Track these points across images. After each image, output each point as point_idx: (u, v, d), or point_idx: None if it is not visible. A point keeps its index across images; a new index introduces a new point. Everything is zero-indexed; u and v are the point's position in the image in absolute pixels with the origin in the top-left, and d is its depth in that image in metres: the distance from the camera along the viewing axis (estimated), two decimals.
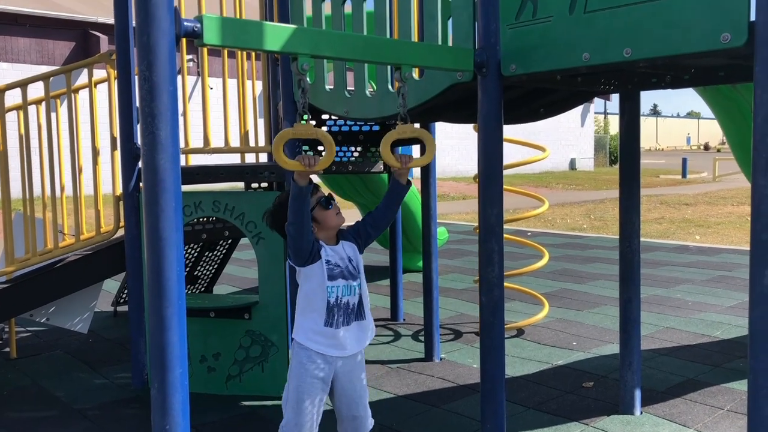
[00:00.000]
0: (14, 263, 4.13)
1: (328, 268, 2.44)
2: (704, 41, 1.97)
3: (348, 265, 2.49)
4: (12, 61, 16.70)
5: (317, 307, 2.44)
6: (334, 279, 2.45)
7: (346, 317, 2.46)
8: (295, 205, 2.29)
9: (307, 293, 2.47)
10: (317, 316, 2.44)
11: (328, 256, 2.45)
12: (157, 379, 1.78)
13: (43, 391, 3.90)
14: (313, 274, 2.43)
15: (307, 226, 2.35)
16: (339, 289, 2.46)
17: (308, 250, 2.40)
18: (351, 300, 2.48)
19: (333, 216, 2.48)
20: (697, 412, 3.42)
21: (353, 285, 2.49)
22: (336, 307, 2.45)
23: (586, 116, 31.59)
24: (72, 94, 4.18)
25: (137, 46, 1.71)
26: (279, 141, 2.09)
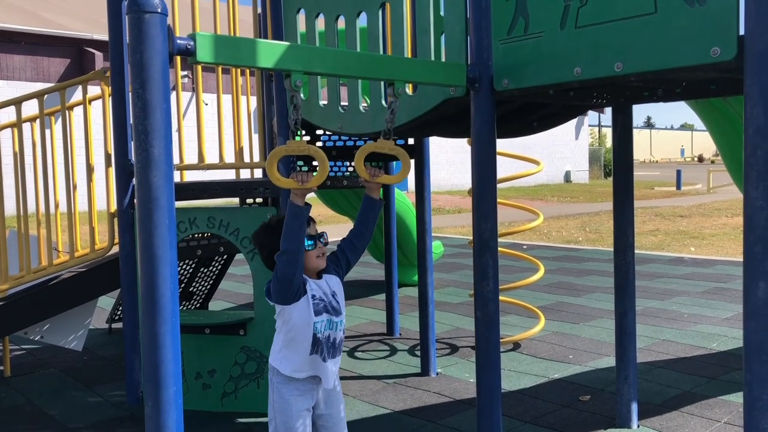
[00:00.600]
0: (8, 281, 4.12)
1: (313, 303, 2.33)
2: (694, 55, 1.98)
3: (331, 300, 2.40)
4: (7, 78, 16.72)
5: (302, 341, 2.35)
6: (319, 314, 2.35)
7: (329, 352, 2.39)
8: (290, 227, 2.18)
9: (290, 330, 2.36)
10: (302, 348, 2.35)
11: (312, 290, 2.35)
12: (151, 398, 1.77)
13: (37, 410, 3.87)
14: (298, 310, 2.32)
15: (300, 256, 2.22)
16: (323, 324, 2.37)
17: (298, 285, 2.28)
18: (332, 335, 2.40)
19: (313, 258, 2.36)
20: (694, 425, 3.41)
21: (335, 321, 2.40)
22: (319, 342, 2.36)
23: (580, 129, 31.75)
24: (66, 111, 4.18)
25: (131, 64, 1.72)
26: (272, 158, 2.09)
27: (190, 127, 5.10)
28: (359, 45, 3.11)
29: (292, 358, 2.38)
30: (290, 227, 2.19)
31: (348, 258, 2.49)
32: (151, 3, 1.67)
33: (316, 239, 2.37)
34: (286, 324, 2.38)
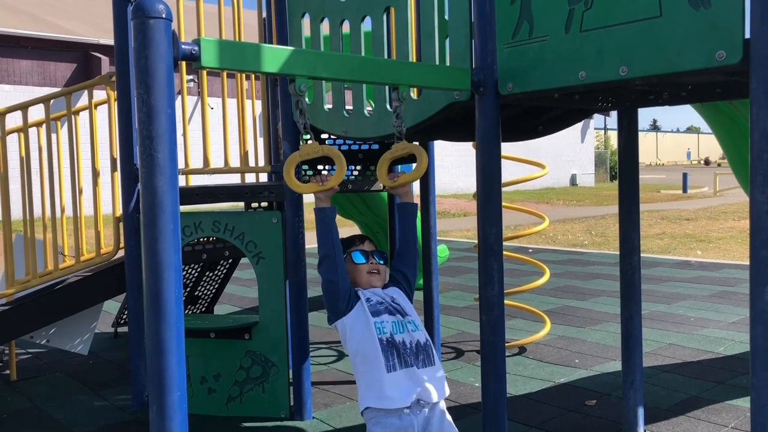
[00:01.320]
0: (14, 285, 4.13)
1: (369, 305, 2.22)
2: (699, 59, 1.97)
3: (391, 303, 2.26)
4: (14, 83, 16.82)
5: (372, 354, 2.14)
6: (379, 314, 2.20)
7: (409, 358, 2.16)
8: (322, 232, 2.16)
9: (358, 347, 2.19)
10: (376, 365, 2.13)
11: (367, 295, 2.25)
12: (156, 402, 1.76)
13: (43, 414, 3.88)
14: (356, 318, 2.20)
15: (339, 259, 2.18)
16: (389, 324, 2.19)
17: (346, 291, 2.19)
18: (407, 339, 2.20)
19: (364, 273, 2.29)
20: (701, 429, 3.39)
21: (404, 321, 2.23)
22: (392, 347, 2.16)
23: (586, 132, 31.70)
24: (72, 116, 4.20)
25: (135, 69, 1.72)
26: (289, 166, 2.09)
27: (195, 131, 5.11)
28: (364, 49, 3.11)
29: (369, 383, 2.17)
30: (321, 232, 2.18)
31: (402, 272, 2.40)
32: (155, 8, 1.67)
33: (369, 255, 2.34)
34: (351, 347, 2.22)
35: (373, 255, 2.34)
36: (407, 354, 2.19)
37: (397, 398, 2.14)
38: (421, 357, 2.23)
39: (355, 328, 2.22)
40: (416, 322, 2.30)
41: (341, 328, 2.26)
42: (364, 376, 2.20)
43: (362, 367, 2.21)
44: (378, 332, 2.17)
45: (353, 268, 2.32)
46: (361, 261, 2.31)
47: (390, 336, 2.18)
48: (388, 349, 2.16)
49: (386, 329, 2.19)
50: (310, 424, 3.60)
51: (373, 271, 2.33)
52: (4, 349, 4.85)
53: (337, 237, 2.19)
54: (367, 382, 2.18)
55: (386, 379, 2.14)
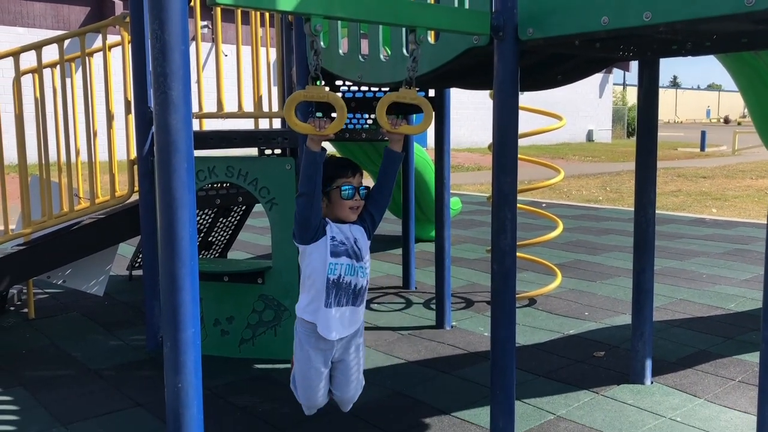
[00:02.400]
0: (31, 225, 4.18)
1: (332, 244, 2.36)
2: (727, 4, 1.91)
3: (353, 246, 2.40)
4: (28, 26, 16.69)
5: (318, 286, 2.38)
6: (338, 256, 2.37)
7: (345, 298, 2.40)
8: (308, 173, 2.23)
9: (310, 273, 2.39)
10: (319, 295, 2.38)
11: (333, 232, 2.38)
12: (170, 339, 1.80)
13: (61, 351, 3.98)
14: (316, 251, 2.36)
15: (317, 199, 2.28)
16: (342, 267, 2.38)
17: (315, 226, 2.33)
18: (354, 281, 2.40)
19: (346, 207, 2.38)
20: (708, 382, 3.42)
21: (357, 266, 2.40)
22: (336, 287, 2.38)
23: (604, 87, 31.17)
24: (86, 58, 4.17)
25: (149, 5, 1.70)
26: (291, 103, 2.08)
27: (209, 78, 5.07)
28: None
29: (306, 301, 2.42)
30: (306, 171, 2.24)
31: (371, 213, 2.47)
32: None
33: (356, 190, 2.38)
34: (306, 266, 2.40)
35: (358, 191, 2.39)
36: (347, 294, 2.40)
37: (325, 329, 2.40)
38: (357, 299, 2.44)
39: (313, 258, 2.37)
40: (366, 267, 2.45)
41: (301, 250, 2.41)
42: (308, 294, 2.42)
43: (308, 288, 2.42)
44: (329, 272, 2.36)
45: (336, 199, 2.37)
46: (348, 197, 2.37)
47: (338, 277, 2.37)
48: (331, 288, 2.37)
49: (337, 271, 2.37)
50: None
51: (354, 207, 2.40)
52: (22, 289, 4.95)
53: (319, 179, 2.26)
54: (308, 301, 2.41)
55: (322, 312, 2.39)
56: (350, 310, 2.43)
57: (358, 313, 2.48)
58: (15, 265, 4.09)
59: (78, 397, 3.32)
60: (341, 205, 2.38)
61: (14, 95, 4.17)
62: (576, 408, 3.14)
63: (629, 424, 2.97)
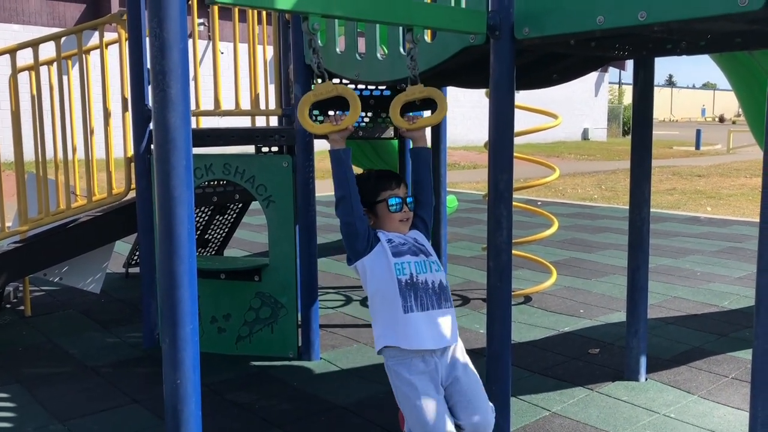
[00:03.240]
0: (27, 223, 4.18)
1: (391, 246, 2.18)
2: (721, 4, 1.93)
3: (414, 244, 2.25)
4: (23, 23, 16.64)
5: (390, 295, 2.13)
6: (401, 255, 2.18)
7: (428, 299, 2.15)
8: (338, 174, 2.12)
9: (377, 288, 2.17)
10: (393, 306, 2.13)
11: (388, 236, 2.21)
12: (169, 335, 1.81)
13: (57, 348, 3.98)
14: (376, 259, 2.17)
15: (354, 199, 2.14)
16: (411, 265, 2.17)
17: (364, 232, 2.15)
18: (429, 278, 2.18)
19: (395, 221, 2.25)
20: (702, 379, 3.45)
21: (428, 261, 2.21)
22: (412, 287, 2.14)
23: (600, 86, 31.22)
24: (83, 56, 4.17)
25: (148, 3, 1.71)
26: (303, 106, 2.08)
27: (206, 76, 5.08)
28: None
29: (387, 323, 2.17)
30: (337, 173, 2.15)
31: (422, 217, 2.36)
32: None
33: (404, 201, 2.27)
34: (371, 283, 2.19)
35: (406, 202, 2.28)
36: (428, 294, 2.17)
37: (414, 339, 2.14)
38: (441, 297, 2.22)
39: (375, 268, 2.19)
40: (438, 262, 2.29)
41: (361, 269, 2.23)
42: (383, 315, 2.19)
43: (381, 307, 2.19)
44: (398, 273, 2.15)
45: (384, 213, 2.25)
46: (397, 210, 2.24)
47: (410, 277, 2.16)
48: (406, 291, 2.15)
49: (406, 270, 2.16)
50: (317, 364, 3.68)
51: (404, 219, 2.28)
52: (18, 286, 4.95)
53: (352, 177, 2.16)
54: (385, 322, 2.18)
55: (402, 320, 2.14)
56: (439, 312, 2.18)
57: (449, 315, 2.20)
58: (11, 262, 4.09)
59: (75, 394, 3.32)
60: (390, 218, 2.25)
61: (11, 92, 4.17)
62: (571, 404, 3.16)
63: (624, 421, 2.99)
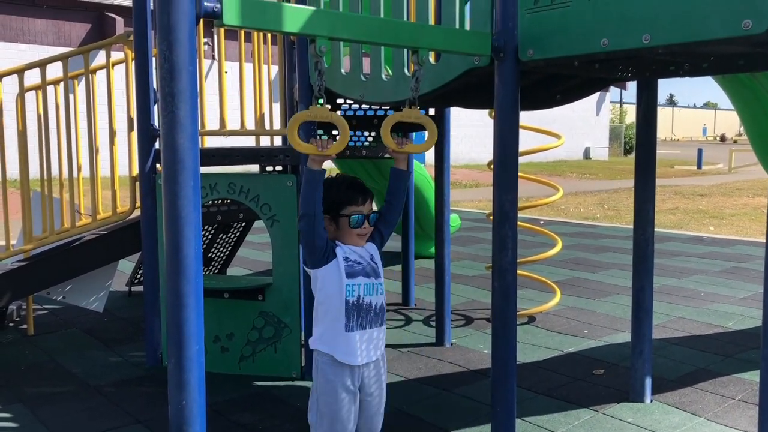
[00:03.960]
0: (32, 241, 4.19)
1: (347, 265, 2.26)
2: (724, 28, 1.95)
3: (370, 263, 2.32)
4: (30, 42, 16.79)
5: (335, 311, 2.26)
6: (354, 276, 2.26)
7: (368, 320, 2.28)
8: (307, 193, 2.16)
9: (324, 299, 2.28)
10: (336, 321, 2.25)
11: (345, 253, 2.28)
12: (174, 356, 1.80)
13: (60, 368, 3.97)
14: (329, 274, 2.26)
15: (318, 219, 2.20)
16: (360, 287, 2.27)
17: (322, 247, 2.23)
18: (374, 301, 2.30)
19: (354, 235, 2.30)
20: (708, 401, 3.43)
21: (376, 284, 2.31)
22: (356, 309, 2.26)
23: (601, 105, 31.33)
24: (90, 75, 4.21)
25: (157, 26, 1.72)
26: (294, 123, 2.09)
27: (211, 95, 5.11)
28: (383, 14, 3.09)
29: (326, 332, 2.29)
30: (306, 191, 2.18)
31: (381, 232, 2.42)
32: None
33: (366, 218, 2.30)
34: (320, 292, 2.30)
35: (368, 218, 2.32)
36: (369, 315, 2.30)
37: (349, 356, 2.27)
38: (378, 318, 2.33)
39: (327, 282, 2.28)
40: (383, 284, 2.37)
41: (313, 275, 2.32)
42: (324, 324, 2.30)
43: (324, 317, 2.30)
44: (347, 294, 2.25)
45: (345, 227, 2.30)
46: (357, 226, 2.29)
47: (357, 299, 2.27)
48: (351, 311, 2.26)
49: (356, 292, 2.27)
50: None
51: (363, 234, 2.33)
52: (21, 304, 4.94)
53: (319, 199, 2.20)
54: (325, 330, 2.29)
55: (343, 336, 2.26)
56: (376, 331, 2.32)
57: (382, 333, 2.35)
58: (15, 280, 4.10)
59: (77, 413, 3.31)
60: (350, 232, 2.30)
61: (17, 111, 4.20)
62: (576, 426, 3.14)
63: None
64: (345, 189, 2.32)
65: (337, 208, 2.29)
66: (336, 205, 2.29)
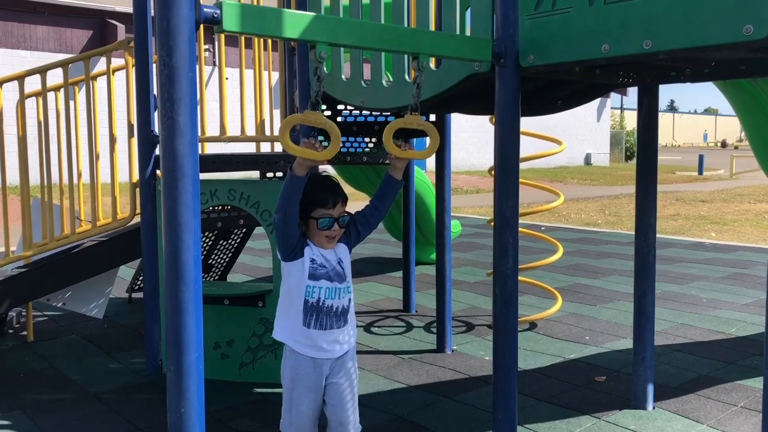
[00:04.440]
0: (32, 248, 4.18)
1: (311, 267, 2.31)
2: (726, 33, 1.94)
3: (335, 267, 2.35)
4: (31, 48, 16.84)
5: (295, 306, 2.32)
6: (316, 279, 2.31)
7: (327, 321, 2.32)
8: (286, 194, 2.19)
9: (288, 291, 2.35)
10: (296, 315, 2.32)
11: (313, 254, 2.32)
12: (173, 363, 1.79)
13: (59, 374, 3.95)
14: (294, 271, 2.31)
15: (289, 220, 2.23)
16: (321, 291, 2.32)
17: (292, 245, 2.28)
18: (336, 304, 2.34)
19: (322, 236, 2.32)
20: (710, 408, 3.41)
21: (340, 288, 2.35)
22: (315, 310, 2.31)
23: (602, 111, 31.36)
24: (90, 82, 4.21)
25: (157, 32, 1.72)
26: (286, 124, 2.07)
27: (211, 102, 5.11)
28: (384, 20, 3.09)
29: (287, 324, 2.36)
30: (285, 193, 2.20)
31: (359, 231, 2.44)
32: None
33: (335, 221, 2.32)
34: (284, 282, 2.36)
35: (338, 221, 2.33)
36: (329, 317, 2.34)
37: (308, 349, 2.34)
38: (341, 320, 2.36)
39: (291, 277, 2.33)
40: (350, 285, 2.40)
41: (282, 264, 2.38)
42: (285, 314, 2.37)
43: (285, 307, 2.37)
44: (307, 294, 2.31)
45: (313, 228, 2.31)
46: (325, 228, 2.31)
47: (317, 301, 2.31)
48: (309, 311, 2.32)
49: (316, 294, 2.31)
50: None
51: (332, 236, 2.34)
52: (21, 311, 4.93)
53: (295, 202, 2.21)
54: (286, 320, 2.37)
55: (300, 329, 2.33)
56: (337, 332, 2.36)
57: (345, 334, 2.38)
58: (15, 287, 4.09)
59: (77, 421, 3.29)
60: (318, 234, 2.32)
61: (18, 118, 4.20)
62: None
63: None
64: (317, 191, 2.31)
65: (306, 210, 2.30)
66: (305, 207, 2.29)
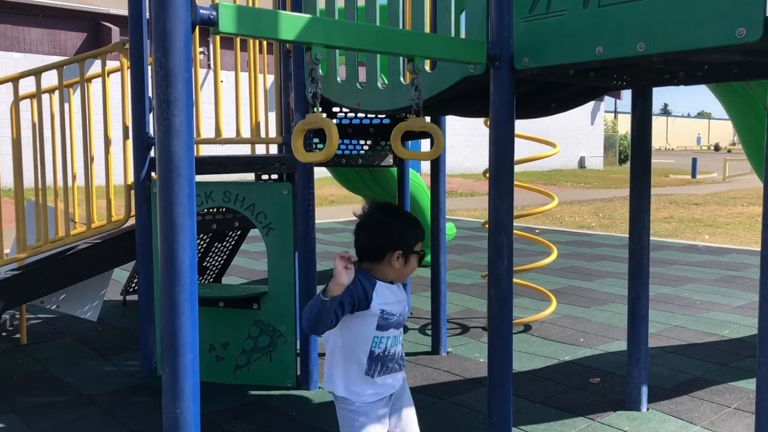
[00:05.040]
0: (26, 250, 4.17)
1: (381, 317, 2.09)
2: (719, 36, 1.96)
3: (403, 311, 2.17)
4: (24, 51, 16.80)
5: (356, 358, 2.12)
6: (385, 329, 2.12)
7: (392, 366, 2.17)
8: (316, 318, 1.99)
9: (344, 344, 2.12)
10: (357, 368, 2.12)
11: (383, 302, 2.09)
12: (169, 364, 1.79)
13: (53, 377, 3.94)
14: (358, 320, 2.08)
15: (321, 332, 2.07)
16: (389, 340, 2.13)
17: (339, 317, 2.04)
18: (398, 350, 2.19)
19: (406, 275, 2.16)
20: (704, 409, 3.42)
21: (400, 334, 2.21)
22: (382, 359, 2.13)
23: (596, 115, 31.47)
24: (85, 84, 4.20)
25: (153, 33, 1.72)
26: (297, 134, 2.08)
27: (206, 104, 5.11)
28: (379, 22, 3.09)
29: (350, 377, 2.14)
30: (314, 318, 2.01)
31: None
32: None
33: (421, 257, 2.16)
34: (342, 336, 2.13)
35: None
36: (393, 362, 2.18)
37: (374, 394, 2.16)
38: (399, 366, 2.23)
39: (353, 326, 2.11)
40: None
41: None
42: (342, 367, 2.16)
43: (341, 358, 2.15)
44: (374, 345, 2.12)
45: (410, 264, 2.14)
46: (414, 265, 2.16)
47: (384, 351, 2.14)
48: (375, 361, 2.14)
49: (383, 345, 2.14)
50: (316, 393, 3.65)
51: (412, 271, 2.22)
52: (14, 314, 4.91)
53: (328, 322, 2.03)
54: (344, 375, 2.15)
55: (365, 380, 2.14)
56: (398, 374, 2.22)
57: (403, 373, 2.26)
58: (9, 290, 4.07)
59: (71, 424, 3.28)
60: (408, 270, 2.15)
61: (12, 120, 4.19)
62: None
63: None
64: (412, 224, 2.18)
65: (409, 245, 2.14)
66: (408, 241, 2.14)
